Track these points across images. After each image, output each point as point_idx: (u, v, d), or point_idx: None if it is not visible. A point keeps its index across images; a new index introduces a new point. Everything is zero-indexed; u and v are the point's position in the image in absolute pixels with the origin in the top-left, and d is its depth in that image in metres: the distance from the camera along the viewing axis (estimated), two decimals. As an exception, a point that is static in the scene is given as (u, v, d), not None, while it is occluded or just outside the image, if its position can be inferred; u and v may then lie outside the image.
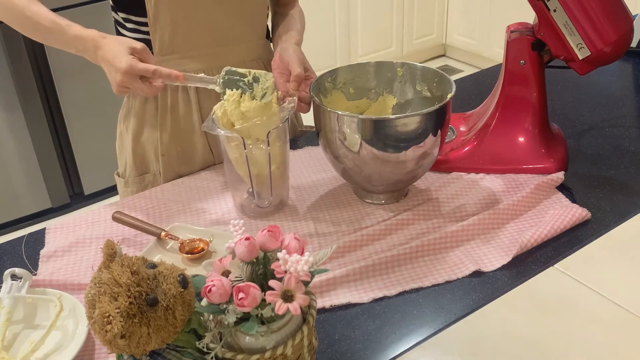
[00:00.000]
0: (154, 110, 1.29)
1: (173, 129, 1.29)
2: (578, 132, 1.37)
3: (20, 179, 2.79)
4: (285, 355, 0.73)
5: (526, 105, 1.20)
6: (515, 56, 1.18)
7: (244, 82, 1.07)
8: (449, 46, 4.43)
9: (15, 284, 0.96)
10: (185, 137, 1.31)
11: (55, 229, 1.17)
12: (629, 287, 0.95)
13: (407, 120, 1.04)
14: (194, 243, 1.06)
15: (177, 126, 1.30)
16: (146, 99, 1.28)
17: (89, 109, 2.79)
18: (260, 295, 0.70)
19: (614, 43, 1.10)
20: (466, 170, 1.23)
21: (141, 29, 1.22)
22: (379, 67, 1.22)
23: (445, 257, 1.04)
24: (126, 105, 1.33)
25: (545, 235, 1.04)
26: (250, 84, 1.07)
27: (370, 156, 1.06)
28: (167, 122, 1.29)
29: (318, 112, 1.10)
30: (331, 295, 0.96)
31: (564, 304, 0.92)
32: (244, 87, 1.07)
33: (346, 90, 1.22)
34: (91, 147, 2.88)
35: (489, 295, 0.95)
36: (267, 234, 0.76)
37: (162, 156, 1.31)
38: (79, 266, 1.06)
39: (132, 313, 0.67)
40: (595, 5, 1.08)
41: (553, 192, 1.17)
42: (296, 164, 1.32)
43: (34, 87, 2.67)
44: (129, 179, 1.35)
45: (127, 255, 0.73)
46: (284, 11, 1.36)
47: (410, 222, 1.10)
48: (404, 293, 0.97)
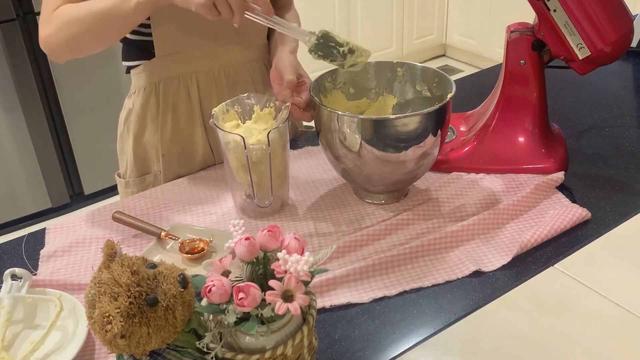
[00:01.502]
0: (155, 111, 1.29)
1: (174, 129, 1.29)
2: (578, 132, 1.37)
3: (20, 179, 2.79)
4: (285, 355, 0.73)
5: (526, 105, 1.20)
6: (515, 56, 1.18)
7: (337, 51, 1.02)
8: (449, 46, 4.43)
9: (15, 284, 0.96)
10: (186, 137, 1.31)
11: (55, 229, 1.17)
12: (629, 287, 0.95)
13: (407, 120, 1.04)
14: (194, 243, 1.06)
15: (178, 126, 1.30)
16: (147, 99, 1.28)
17: (89, 109, 2.79)
18: (260, 295, 0.70)
19: (614, 43, 1.10)
20: (466, 170, 1.23)
21: (141, 30, 1.22)
22: (379, 67, 1.22)
23: (445, 257, 1.04)
24: (127, 107, 1.33)
25: (545, 235, 1.04)
26: (344, 54, 1.03)
27: (370, 156, 1.06)
28: (168, 122, 1.29)
29: (318, 112, 1.10)
30: (331, 295, 0.96)
31: (564, 304, 0.92)
32: (336, 55, 1.02)
33: (346, 90, 1.22)
34: (91, 147, 2.88)
35: (489, 295, 0.95)
36: (267, 234, 0.76)
37: (162, 156, 1.31)
38: (79, 266, 1.06)
39: (132, 313, 0.67)
40: (595, 5, 1.08)
41: (553, 192, 1.17)
42: (296, 164, 1.32)
43: (34, 87, 2.67)
44: (129, 180, 1.35)
45: (127, 255, 0.73)
46: (279, 14, 1.36)
47: (410, 222, 1.10)
48: (404, 293, 0.97)
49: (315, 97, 1.10)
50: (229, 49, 1.28)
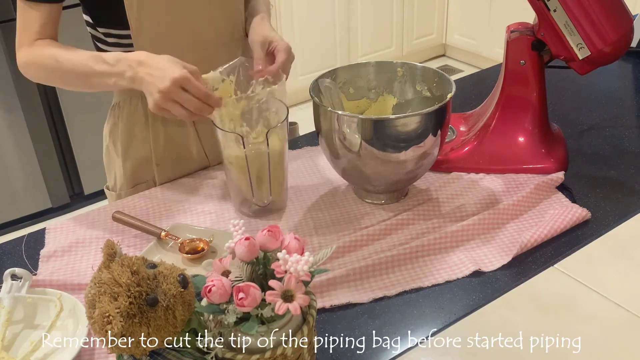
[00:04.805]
0: (143, 122, 1.26)
1: (166, 138, 1.28)
2: (578, 132, 1.37)
3: (20, 179, 2.79)
4: (285, 355, 0.73)
5: (526, 105, 1.20)
6: (515, 56, 1.18)
7: None
8: (449, 46, 4.43)
9: (15, 284, 0.96)
10: (179, 143, 1.29)
11: (55, 229, 1.17)
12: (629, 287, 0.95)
13: (407, 120, 1.04)
14: (194, 243, 1.06)
15: (170, 134, 1.28)
16: (134, 110, 1.26)
17: (89, 109, 2.79)
18: (260, 295, 0.70)
19: (614, 43, 1.10)
20: (466, 170, 1.23)
21: (123, 42, 1.19)
22: (379, 67, 1.22)
23: (445, 257, 1.04)
24: (112, 119, 1.30)
25: (545, 235, 1.04)
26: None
27: (370, 156, 1.06)
28: (159, 131, 1.27)
29: (318, 112, 1.10)
30: (331, 295, 0.96)
31: (564, 304, 0.92)
32: None
33: (346, 90, 1.22)
34: (91, 147, 2.88)
35: (489, 295, 0.95)
36: (267, 234, 0.76)
37: (157, 166, 1.29)
38: (79, 266, 1.06)
39: (132, 313, 0.67)
40: (595, 5, 1.08)
41: (553, 192, 1.17)
42: (296, 163, 1.32)
43: (34, 87, 2.67)
44: (121, 192, 1.33)
45: (127, 255, 0.73)
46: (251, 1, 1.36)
47: (410, 222, 1.10)
48: (404, 293, 0.97)
49: (315, 97, 1.10)
50: (212, 52, 1.25)
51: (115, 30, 1.19)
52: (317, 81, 1.15)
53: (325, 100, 1.15)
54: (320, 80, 1.15)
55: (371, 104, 1.24)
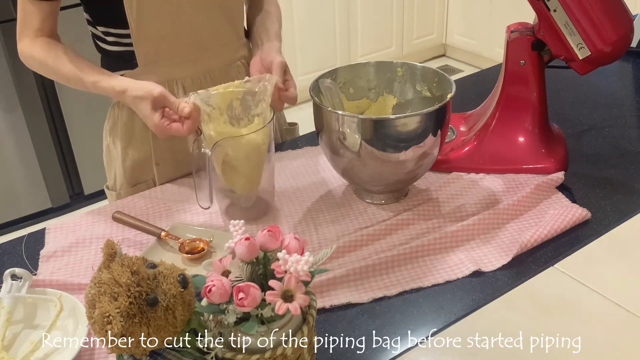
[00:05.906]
0: (142, 123, 1.26)
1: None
2: (578, 132, 1.37)
3: (20, 179, 2.79)
4: (285, 355, 0.73)
5: (526, 105, 1.20)
6: (515, 56, 1.18)
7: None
8: (449, 46, 4.43)
9: (15, 284, 0.96)
10: (178, 142, 1.29)
11: (55, 229, 1.17)
12: (629, 287, 0.95)
13: (407, 120, 1.04)
14: (194, 243, 1.06)
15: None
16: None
17: (89, 109, 2.79)
18: (260, 295, 0.70)
19: (614, 43, 1.10)
20: (466, 170, 1.23)
21: (122, 41, 1.20)
22: (379, 67, 1.22)
23: (445, 257, 1.04)
24: (112, 117, 1.31)
25: (545, 235, 1.04)
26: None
27: (370, 156, 1.06)
28: None
29: (318, 112, 1.10)
30: (331, 295, 0.96)
31: (564, 304, 0.92)
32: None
33: (346, 90, 1.22)
34: (91, 147, 2.88)
35: (489, 295, 0.95)
36: (267, 234, 0.76)
37: (156, 165, 1.29)
38: (79, 266, 1.06)
39: (132, 313, 0.67)
40: (595, 5, 1.08)
41: (553, 192, 1.17)
42: (296, 164, 1.32)
43: (34, 87, 2.67)
44: (120, 192, 1.33)
45: (127, 255, 0.73)
46: (259, 5, 1.35)
47: (410, 222, 1.10)
48: (404, 293, 0.97)
49: (315, 97, 1.10)
50: (212, 53, 1.26)
51: (115, 29, 1.19)
52: (317, 81, 1.15)
53: (325, 100, 1.15)
54: (320, 80, 1.15)
55: (371, 104, 1.24)
